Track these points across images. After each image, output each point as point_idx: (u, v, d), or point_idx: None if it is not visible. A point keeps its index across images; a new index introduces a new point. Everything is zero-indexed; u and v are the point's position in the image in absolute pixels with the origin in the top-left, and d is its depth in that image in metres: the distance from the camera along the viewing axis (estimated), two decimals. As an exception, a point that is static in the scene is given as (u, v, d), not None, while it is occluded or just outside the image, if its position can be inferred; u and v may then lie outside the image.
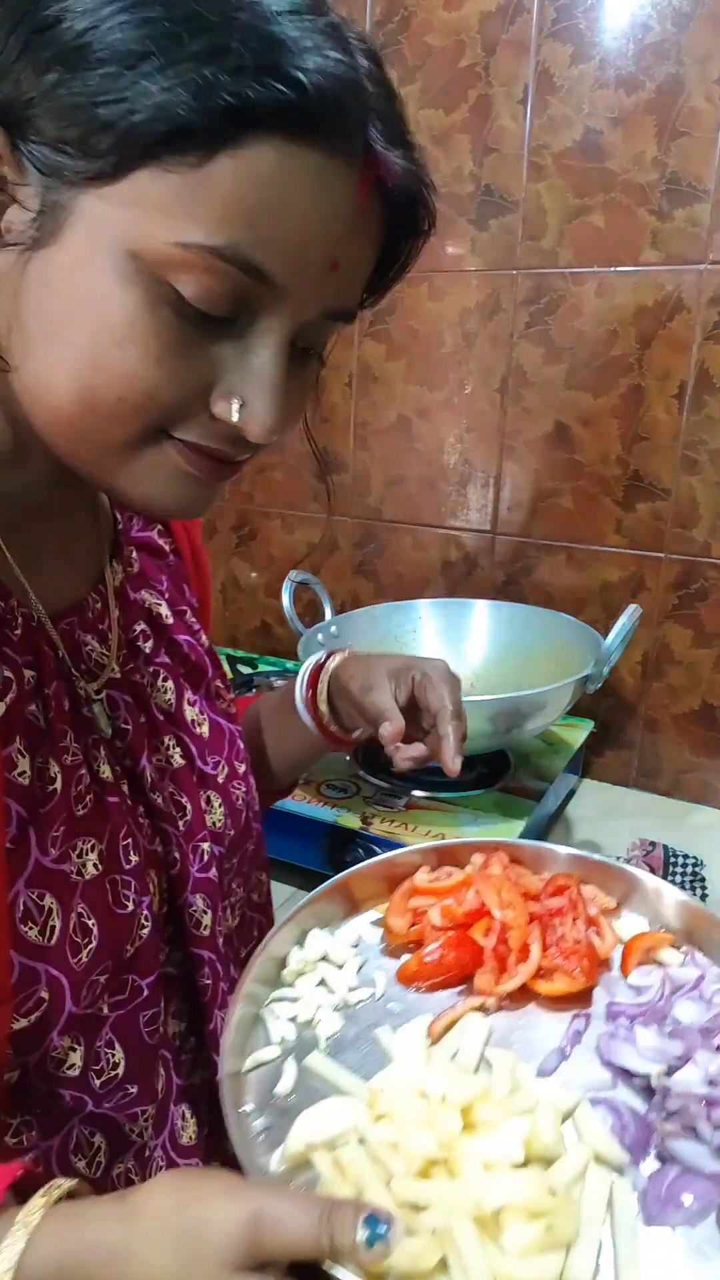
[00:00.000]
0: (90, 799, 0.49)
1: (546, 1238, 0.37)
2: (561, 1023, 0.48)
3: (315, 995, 0.50)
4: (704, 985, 0.46)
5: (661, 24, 1.02)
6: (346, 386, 1.32)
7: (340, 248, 0.40)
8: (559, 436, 1.19)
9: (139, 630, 0.58)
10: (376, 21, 1.18)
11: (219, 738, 0.61)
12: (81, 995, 0.46)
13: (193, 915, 0.55)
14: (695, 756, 1.20)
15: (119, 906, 0.49)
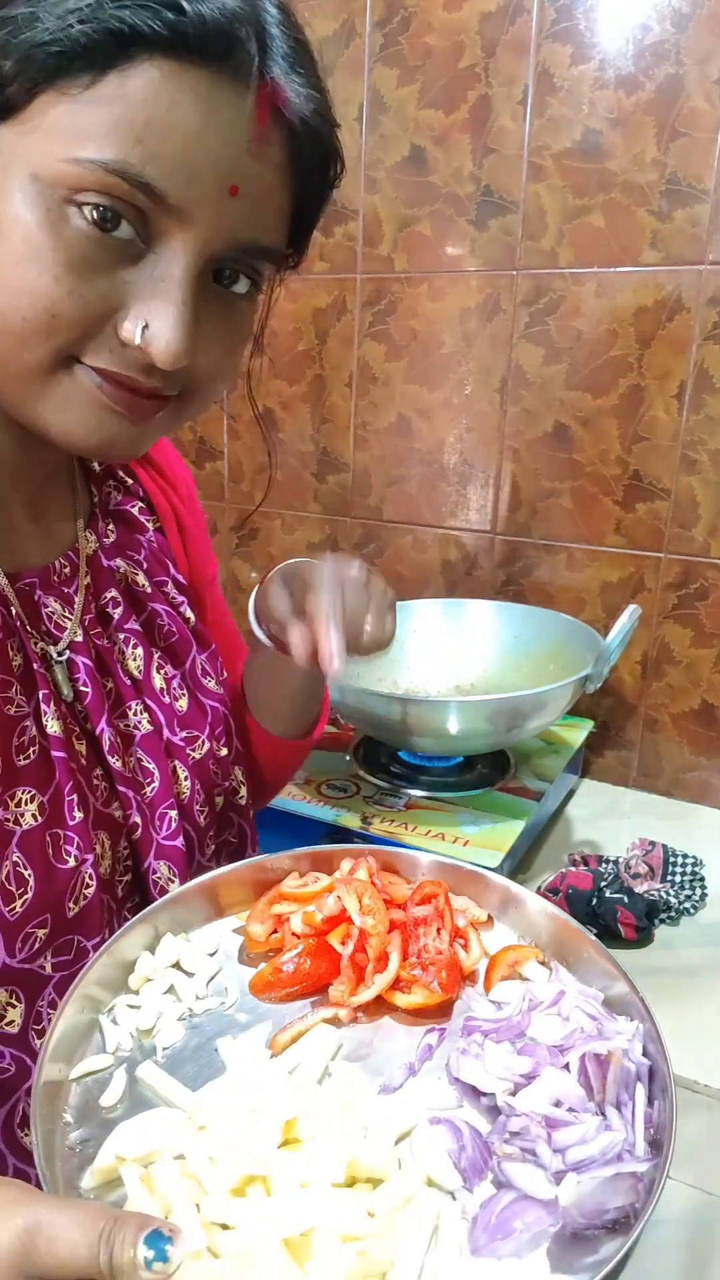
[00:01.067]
0: (34, 752, 0.50)
1: (359, 1263, 0.34)
2: (416, 1037, 0.46)
3: (159, 1003, 0.48)
4: (563, 1002, 0.44)
5: (661, 25, 1.02)
6: (346, 387, 1.33)
7: (238, 172, 0.41)
8: (559, 436, 1.19)
9: (109, 597, 0.58)
10: (376, 22, 1.18)
11: (198, 715, 0.61)
12: (16, 946, 0.46)
13: (157, 882, 0.55)
14: (695, 756, 1.20)
15: (59, 861, 0.49)
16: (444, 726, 0.92)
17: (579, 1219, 0.35)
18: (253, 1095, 0.41)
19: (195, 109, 0.39)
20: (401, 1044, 0.46)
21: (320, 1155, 0.38)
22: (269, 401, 1.40)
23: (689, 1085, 0.75)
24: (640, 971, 0.87)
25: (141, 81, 0.38)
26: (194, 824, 0.59)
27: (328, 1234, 0.35)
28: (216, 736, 0.62)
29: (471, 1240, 0.35)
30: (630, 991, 0.46)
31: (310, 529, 1.42)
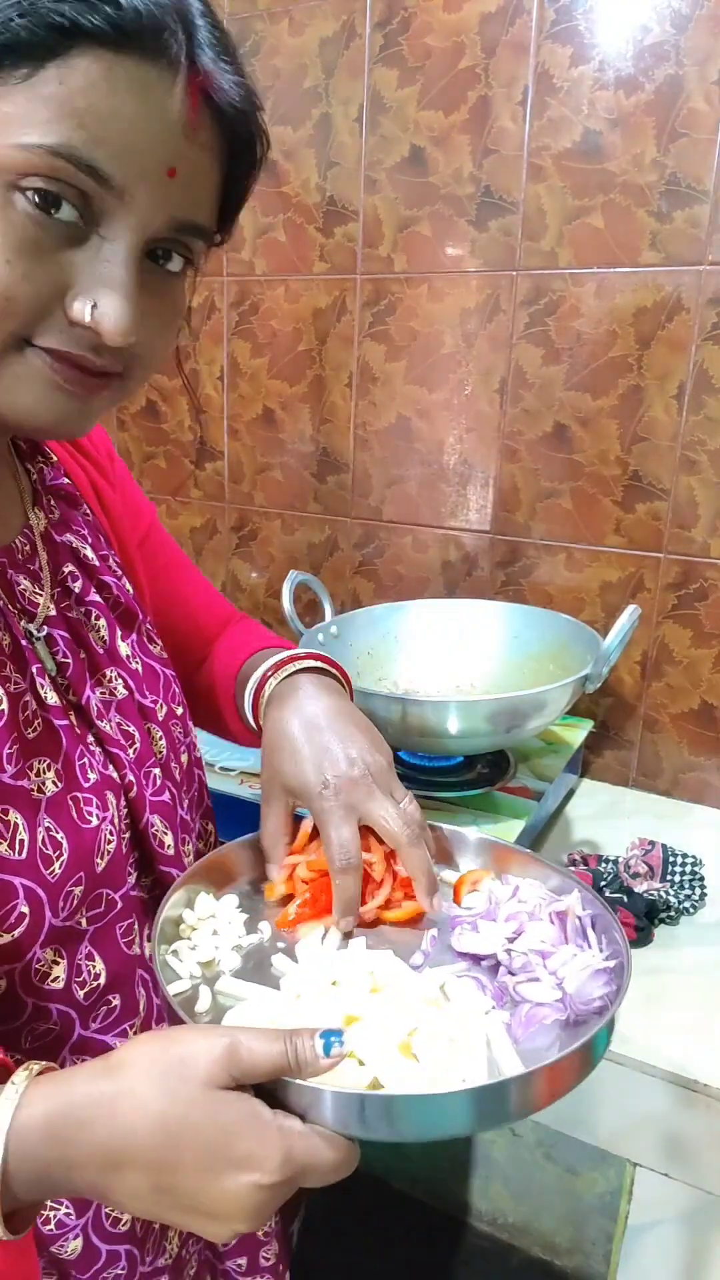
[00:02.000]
0: (39, 724, 0.52)
1: (451, 1049, 0.46)
2: (415, 937, 0.59)
3: (211, 941, 0.56)
4: (519, 893, 0.61)
5: (661, 25, 1.02)
6: (346, 387, 1.33)
7: (175, 155, 0.44)
8: (558, 437, 1.19)
9: (68, 571, 0.60)
10: (376, 23, 1.18)
11: (154, 679, 0.63)
12: (60, 907, 0.49)
13: (155, 836, 0.58)
14: (694, 756, 1.20)
15: (83, 821, 0.52)
16: (444, 726, 0.92)
17: (578, 1006, 0.51)
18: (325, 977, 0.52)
19: (133, 96, 0.41)
20: (404, 944, 0.58)
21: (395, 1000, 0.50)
22: (269, 402, 1.40)
23: (689, 1085, 0.75)
24: (640, 971, 0.88)
25: (81, 71, 0.40)
26: (173, 780, 0.62)
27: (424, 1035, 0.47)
28: (171, 698, 0.64)
29: (511, 1034, 0.50)
30: (564, 877, 0.61)
31: (310, 529, 1.42)
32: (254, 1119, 0.40)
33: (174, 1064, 0.40)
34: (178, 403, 1.50)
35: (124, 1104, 0.39)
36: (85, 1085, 0.40)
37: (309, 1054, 0.40)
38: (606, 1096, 0.79)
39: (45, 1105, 0.39)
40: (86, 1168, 0.39)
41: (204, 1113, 0.39)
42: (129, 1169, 0.39)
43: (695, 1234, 0.82)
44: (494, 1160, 1.48)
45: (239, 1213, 0.40)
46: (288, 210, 1.31)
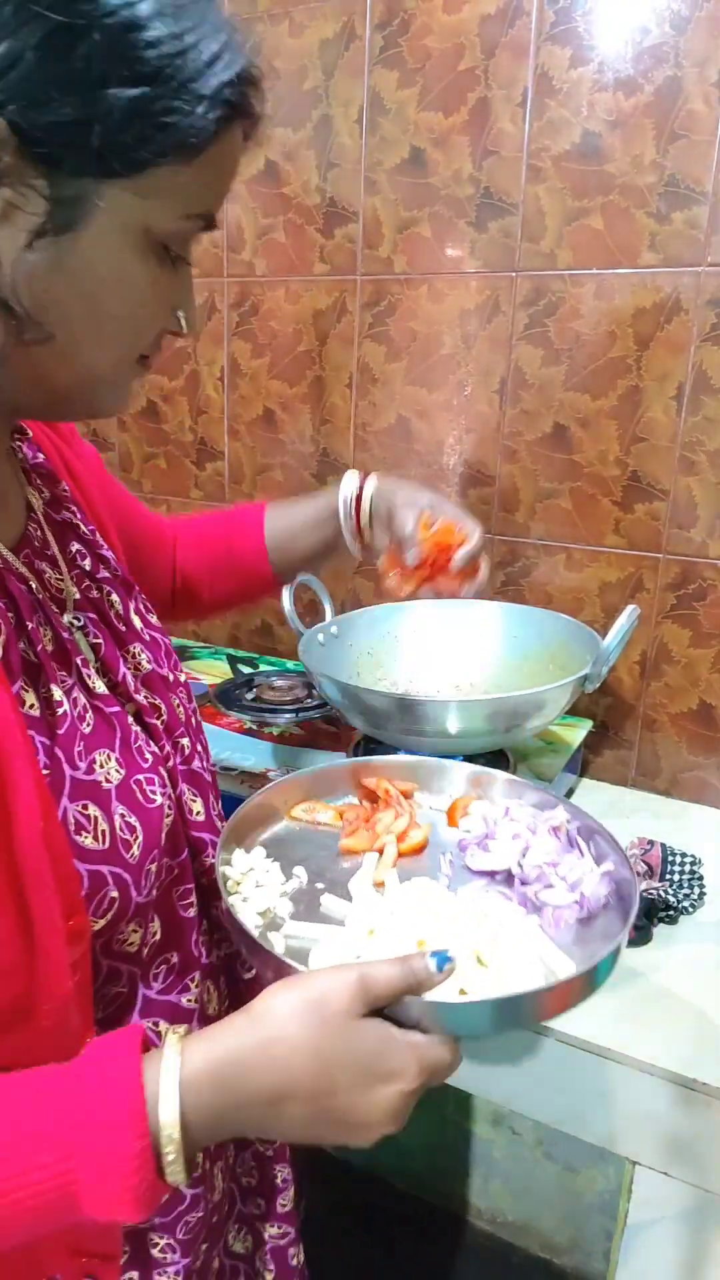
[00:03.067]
0: (91, 715, 0.54)
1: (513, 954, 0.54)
2: (431, 863, 0.66)
3: (260, 893, 0.60)
4: (510, 813, 0.68)
5: (660, 27, 1.02)
6: (346, 388, 1.33)
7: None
8: (558, 437, 1.19)
9: (75, 550, 0.61)
10: (376, 24, 1.19)
11: (159, 648, 0.65)
12: (142, 886, 0.52)
13: (187, 804, 0.61)
14: (693, 756, 1.20)
15: (149, 802, 0.55)
16: (444, 726, 0.92)
17: (591, 904, 0.59)
18: (383, 909, 0.58)
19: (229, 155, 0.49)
20: (426, 870, 0.65)
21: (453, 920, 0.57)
22: (269, 402, 1.40)
23: (688, 1084, 0.75)
24: (639, 970, 0.88)
25: (230, 145, 0.48)
26: (200, 742, 0.65)
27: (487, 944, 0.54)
28: (174, 665, 0.66)
29: (546, 933, 0.58)
30: (542, 793, 0.70)
31: (310, 529, 1.42)
32: (390, 1039, 0.46)
33: (315, 1004, 0.45)
34: (178, 403, 1.50)
35: (279, 1047, 0.44)
36: (237, 1037, 0.45)
37: (425, 973, 0.46)
38: (606, 1095, 0.79)
39: (207, 1059, 0.44)
40: (254, 1107, 0.44)
41: (351, 1040, 0.44)
42: (290, 1102, 0.44)
43: (695, 1233, 0.82)
44: (494, 1159, 1.48)
45: (387, 1118, 0.45)
46: (288, 211, 1.31)
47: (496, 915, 0.59)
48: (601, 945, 0.56)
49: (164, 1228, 0.61)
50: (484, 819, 0.68)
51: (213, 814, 0.64)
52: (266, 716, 1.19)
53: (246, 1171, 0.73)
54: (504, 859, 0.64)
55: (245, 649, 1.54)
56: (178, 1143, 0.42)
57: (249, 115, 0.48)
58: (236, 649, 1.53)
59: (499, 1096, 0.88)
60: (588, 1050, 0.78)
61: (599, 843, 0.64)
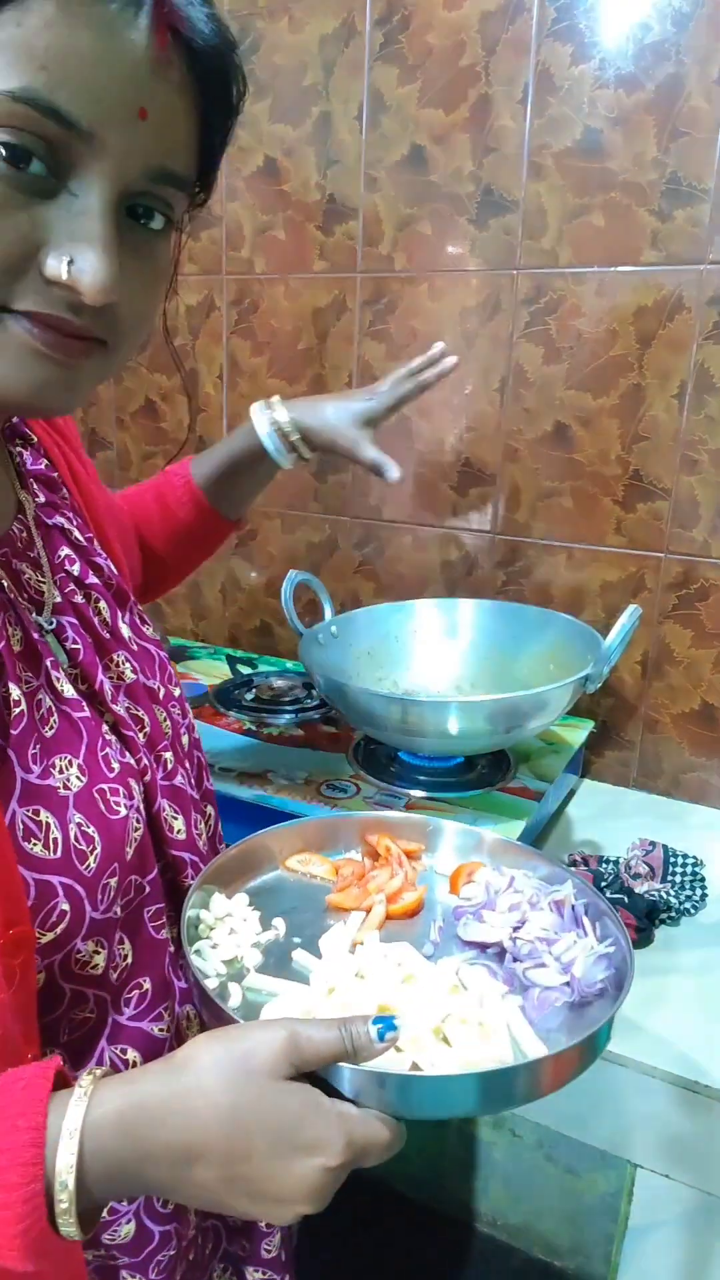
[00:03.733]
0: (56, 719, 0.52)
1: (480, 1032, 0.50)
2: (421, 929, 0.63)
3: (231, 940, 0.58)
4: (515, 883, 0.64)
5: (661, 24, 1.02)
6: (346, 386, 1.32)
7: (144, 94, 0.41)
8: (559, 436, 1.19)
9: (64, 555, 0.59)
10: (376, 21, 1.18)
11: (150, 660, 0.63)
12: (99, 901, 0.50)
13: (167, 821, 0.59)
14: (695, 756, 1.20)
15: (112, 812, 0.52)
16: (444, 726, 0.92)
17: (583, 989, 0.55)
18: (350, 970, 0.55)
19: (95, 33, 0.39)
20: (413, 935, 0.62)
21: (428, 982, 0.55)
22: (268, 401, 1.40)
23: (690, 1086, 0.75)
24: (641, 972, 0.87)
25: (37, 11, 0.38)
26: (183, 760, 0.63)
27: (454, 1020, 0.51)
28: (168, 679, 0.64)
29: (527, 1016, 0.54)
30: (553, 865, 0.66)
31: (310, 528, 1.42)
32: (316, 1107, 0.42)
33: (239, 1058, 0.42)
34: (177, 402, 1.50)
35: (195, 1100, 0.41)
36: (154, 1084, 0.42)
37: (364, 1040, 0.43)
38: (607, 1097, 0.79)
39: (117, 1104, 0.41)
40: (160, 1162, 0.41)
41: (271, 1103, 0.41)
42: (201, 1162, 0.41)
43: (696, 1235, 0.82)
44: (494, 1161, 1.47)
45: (305, 1195, 0.41)
46: (287, 208, 1.31)
47: (474, 990, 0.56)
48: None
49: (135, 1267, 0.58)
50: (487, 887, 0.65)
51: (194, 833, 0.61)
52: (266, 717, 1.18)
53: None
54: (497, 931, 0.60)
55: (245, 649, 1.53)
56: (71, 1192, 0.39)
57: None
58: (236, 649, 1.52)
59: (499, 1099, 0.88)
60: (589, 1053, 0.78)
61: (606, 925, 0.59)
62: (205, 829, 0.66)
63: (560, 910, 0.61)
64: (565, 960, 0.57)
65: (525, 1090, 0.47)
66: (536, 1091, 0.47)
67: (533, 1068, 0.47)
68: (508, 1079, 0.46)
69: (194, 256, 1.41)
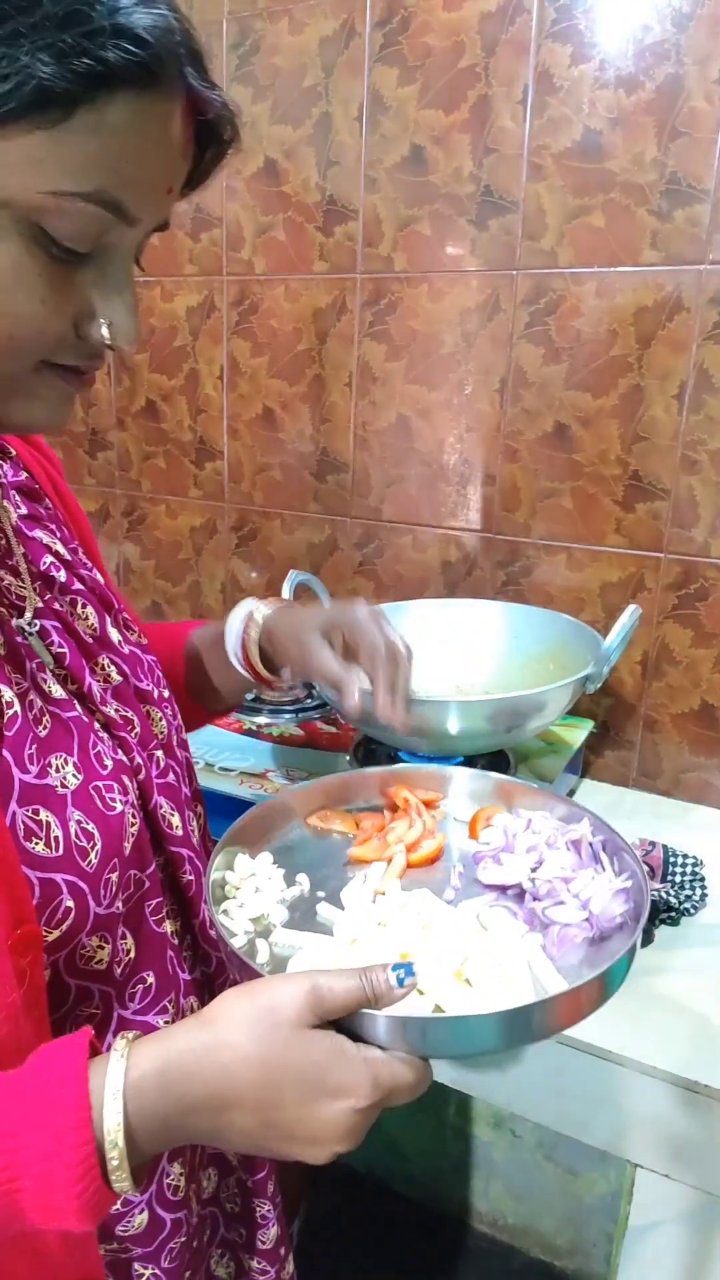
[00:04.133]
0: (48, 719, 0.52)
1: (500, 971, 0.51)
2: (442, 875, 0.64)
3: (257, 898, 0.59)
4: (532, 825, 0.65)
5: (661, 24, 1.02)
6: (346, 387, 1.32)
7: (176, 177, 0.46)
8: (559, 437, 1.19)
9: (48, 563, 0.60)
10: (376, 22, 1.18)
11: (139, 664, 0.64)
12: (101, 895, 0.51)
13: (164, 817, 0.60)
14: (695, 756, 1.20)
15: (109, 809, 0.53)
16: (444, 726, 0.92)
17: (603, 923, 0.56)
18: (372, 919, 0.56)
19: (155, 133, 0.43)
20: (434, 882, 0.63)
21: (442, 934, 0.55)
22: (269, 401, 1.40)
23: (690, 1086, 0.75)
24: (641, 972, 0.87)
25: (112, 115, 0.40)
26: (176, 760, 0.64)
27: (474, 961, 0.52)
28: (157, 681, 0.66)
29: (547, 954, 0.55)
30: (570, 805, 0.66)
31: (310, 529, 1.42)
32: (341, 1053, 0.44)
33: (264, 1011, 0.44)
34: (177, 402, 1.50)
35: (225, 1054, 0.43)
36: (186, 1040, 0.44)
37: (384, 986, 0.45)
38: (607, 1097, 0.79)
39: (154, 1063, 0.43)
40: (200, 1112, 0.43)
41: (297, 1052, 0.43)
42: (237, 1110, 0.43)
43: (696, 1235, 0.82)
44: (494, 1161, 1.47)
45: (337, 1136, 0.44)
46: (287, 209, 1.31)
47: (494, 931, 0.57)
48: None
49: (148, 1257, 0.59)
50: (504, 831, 0.66)
51: (189, 829, 0.62)
52: (266, 716, 1.18)
53: (230, 1197, 0.72)
54: (515, 873, 0.62)
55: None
56: (122, 1150, 0.41)
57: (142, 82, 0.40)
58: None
59: (500, 1099, 0.88)
60: (588, 1052, 0.78)
61: (624, 859, 0.61)
62: (197, 826, 0.67)
63: (578, 849, 0.63)
64: (583, 897, 0.58)
65: (546, 1024, 0.48)
66: (557, 1025, 0.49)
67: (546, 1003, 0.48)
68: (526, 1014, 0.47)
69: (194, 257, 1.41)
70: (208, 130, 0.47)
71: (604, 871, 0.60)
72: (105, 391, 1.57)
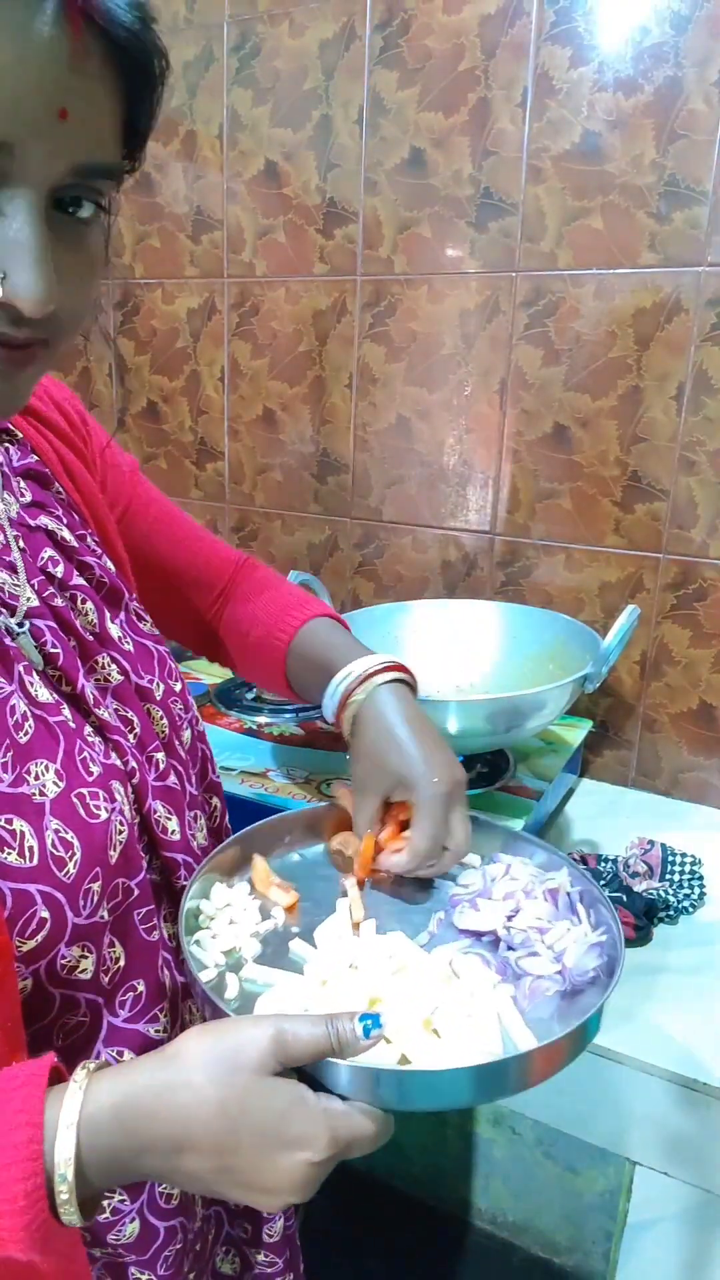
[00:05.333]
0: (31, 724, 0.50)
1: (470, 1024, 0.51)
2: (421, 919, 0.63)
3: (231, 930, 0.59)
4: (511, 871, 0.65)
5: (660, 27, 1.02)
6: (346, 388, 1.33)
7: (63, 93, 0.38)
8: (558, 437, 1.19)
9: (48, 556, 0.58)
10: (376, 25, 1.19)
11: (148, 658, 0.62)
12: (81, 906, 0.49)
13: (159, 822, 0.58)
14: (693, 756, 1.20)
15: (91, 816, 0.51)
16: (443, 726, 0.93)
17: (575, 977, 0.55)
18: (344, 960, 0.56)
19: (5, 37, 0.36)
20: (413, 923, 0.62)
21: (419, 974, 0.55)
22: (269, 402, 1.40)
23: (688, 1084, 0.75)
24: (639, 970, 0.88)
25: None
26: (178, 760, 0.62)
27: (444, 1011, 0.51)
28: (168, 674, 0.63)
29: (518, 1006, 0.55)
30: (549, 853, 0.66)
31: (310, 530, 1.43)
32: (301, 1102, 0.43)
33: (227, 1054, 0.43)
34: (178, 404, 1.50)
35: (184, 1094, 0.42)
36: (146, 1077, 0.43)
37: (349, 1036, 0.44)
38: (606, 1095, 0.79)
39: (111, 1098, 0.42)
40: (153, 1153, 0.42)
41: (257, 1099, 0.42)
42: (191, 1152, 0.42)
43: (695, 1232, 0.82)
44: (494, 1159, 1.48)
45: (291, 1187, 0.43)
46: (288, 212, 1.31)
47: (467, 980, 0.56)
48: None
49: (143, 1264, 0.58)
50: (484, 875, 0.65)
51: (188, 834, 0.60)
52: (267, 716, 1.19)
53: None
54: (491, 920, 0.61)
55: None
56: (70, 1183, 0.40)
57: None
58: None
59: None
60: (588, 1051, 0.78)
61: (600, 911, 0.60)
62: (207, 824, 0.66)
63: (554, 898, 0.62)
64: (557, 949, 0.58)
65: (512, 1081, 0.48)
66: (524, 1082, 0.48)
67: (514, 1060, 0.47)
68: (492, 1072, 0.47)
69: (195, 260, 1.42)
70: (129, 57, 0.41)
71: (580, 924, 0.60)
72: (107, 393, 1.57)
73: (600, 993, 0.53)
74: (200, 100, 1.34)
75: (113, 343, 1.53)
